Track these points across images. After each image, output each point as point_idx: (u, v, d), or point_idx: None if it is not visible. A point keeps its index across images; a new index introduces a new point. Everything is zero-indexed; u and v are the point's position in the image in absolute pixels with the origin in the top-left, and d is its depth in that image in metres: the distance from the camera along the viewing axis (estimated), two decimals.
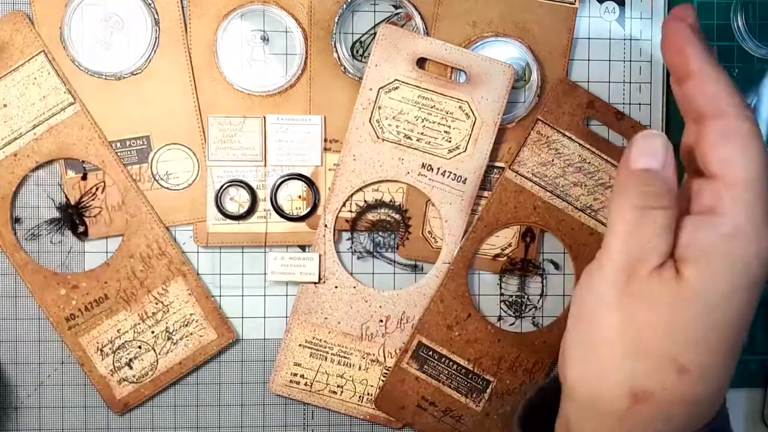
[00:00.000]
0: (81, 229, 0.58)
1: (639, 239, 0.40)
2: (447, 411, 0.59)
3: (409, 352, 0.58)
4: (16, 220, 0.58)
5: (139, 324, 0.58)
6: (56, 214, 0.58)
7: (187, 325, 0.58)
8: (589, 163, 0.58)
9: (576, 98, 0.58)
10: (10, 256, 0.57)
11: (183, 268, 0.58)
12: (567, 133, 0.58)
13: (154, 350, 0.58)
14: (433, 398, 0.59)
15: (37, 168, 0.57)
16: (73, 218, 0.58)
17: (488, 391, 0.59)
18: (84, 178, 0.58)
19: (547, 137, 0.58)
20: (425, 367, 0.58)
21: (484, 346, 0.58)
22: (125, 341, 0.58)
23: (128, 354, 0.58)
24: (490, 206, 0.58)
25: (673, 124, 0.61)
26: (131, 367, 0.58)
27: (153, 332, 0.58)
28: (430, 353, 0.58)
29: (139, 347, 0.58)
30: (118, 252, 0.58)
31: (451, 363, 0.58)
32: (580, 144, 0.58)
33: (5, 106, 0.56)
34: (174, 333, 0.58)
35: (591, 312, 0.41)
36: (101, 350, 0.58)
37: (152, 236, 0.58)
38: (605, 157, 0.58)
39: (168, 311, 0.58)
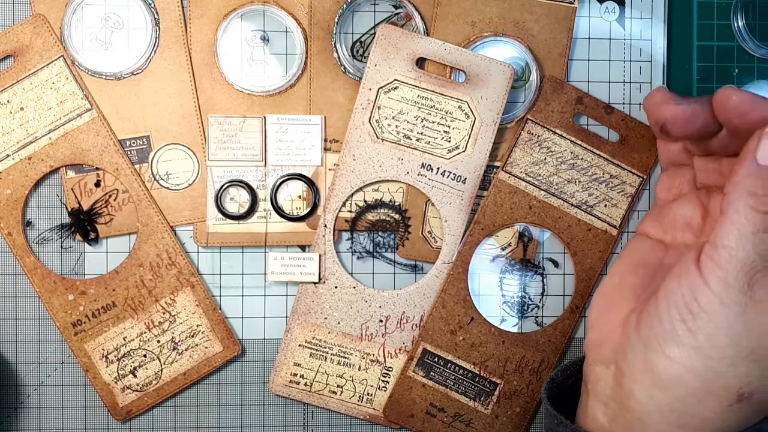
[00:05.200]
0: (92, 235, 0.58)
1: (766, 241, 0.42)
2: (456, 416, 0.59)
3: (414, 359, 0.58)
4: (28, 224, 0.58)
5: (145, 333, 0.58)
6: (67, 218, 0.58)
7: (193, 336, 0.58)
8: (582, 159, 0.58)
9: (564, 95, 0.58)
10: (20, 260, 0.57)
11: (192, 279, 0.58)
12: (558, 131, 0.58)
13: (159, 359, 0.58)
14: (442, 404, 0.59)
15: (51, 173, 0.57)
16: (85, 224, 0.58)
17: (496, 393, 0.59)
18: (97, 185, 0.58)
19: (538, 136, 0.58)
20: (431, 373, 0.58)
21: (489, 348, 0.58)
22: (131, 349, 0.58)
23: (133, 362, 0.58)
24: (486, 209, 0.58)
25: None
26: (135, 376, 0.58)
27: (159, 341, 0.58)
28: (436, 359, 0.58)
29: (144, 356, 0.58)
30: (127, 260, 0.58)
31: (457, 368, 0.58)
32: (571, 141, 0.58)
33: (22, 109, 0.56)
34: (180, 343, 0.58)
35: (707, 310, 0.43)
36: (106, 357, 0.58)
37: (162, 246, 0.58)
38: (597, 152, 0.58)
39: (175, 321, 0.58)
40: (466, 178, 0.57)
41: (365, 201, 0.59)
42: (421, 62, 0.57)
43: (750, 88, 0.60)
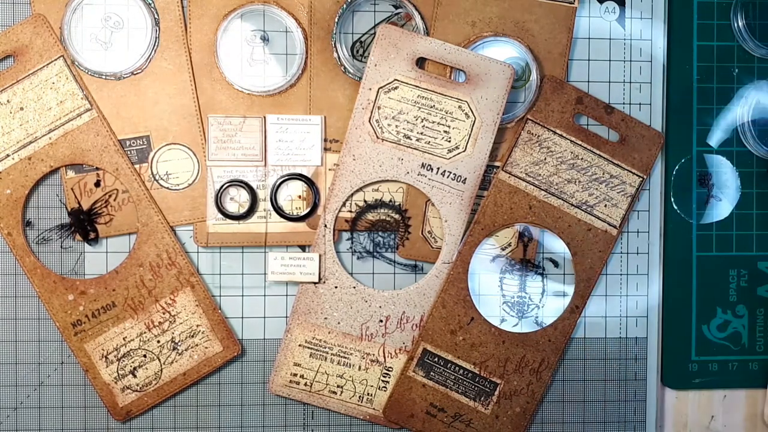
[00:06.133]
0: (92, 235, 0.58)
1: None
2: (456, 416, 0.59)
3: (415, 359, 0.58)
4: (28, 224, 0.58)
5: (145, 333, 0.58)
6: (67, 218, 0.58)
7: (193, 336, 0.58)
8: (582, 159, 0.58)
9: (564, 95, 0.58)
10: (20, 260, 0.57)
11: (192, 279, 0.58)
12: (558, 131, 0.58)
13: (159, 360, 0.58)
14: (442, 404, 0.59)
15: (51, 173, 0.57)
16: (85, 224, 0.58)
17: (496, 393, 0.59)
18: (97, 185, 0.58)
19: (538, 136, 0.58)
20: (431, 373, 0.58)
21: (489, 348, 0.58)
22: (131, 349, 0.58)
23: (133, 362, 0.58)
24: (486, 209, 0.58)
25: (673, 124, 0.61)
26: (135, 376, 0.58)
27: (159, 341, 0.58)
28: (436, 359, 0.58)
29: (144, 356, 0.58)
30: (127, 260, 0.58)
31: (457, 368, 0.58)
32: (571, 141, 0.58)
33: (22, 109, 0.56)
34: (180, 343, 0.58)
35: None
36: (106, 357, 0.58)
37: (162, 246, 0.58)
38: (597, 152, 0.58)
39: (175, 321, 0.58)
40: (466, 178, 0.57)
41: (365, 201, 0.59)
42: (421, 62, 0.57)
43: (750, 88, 0.60)
